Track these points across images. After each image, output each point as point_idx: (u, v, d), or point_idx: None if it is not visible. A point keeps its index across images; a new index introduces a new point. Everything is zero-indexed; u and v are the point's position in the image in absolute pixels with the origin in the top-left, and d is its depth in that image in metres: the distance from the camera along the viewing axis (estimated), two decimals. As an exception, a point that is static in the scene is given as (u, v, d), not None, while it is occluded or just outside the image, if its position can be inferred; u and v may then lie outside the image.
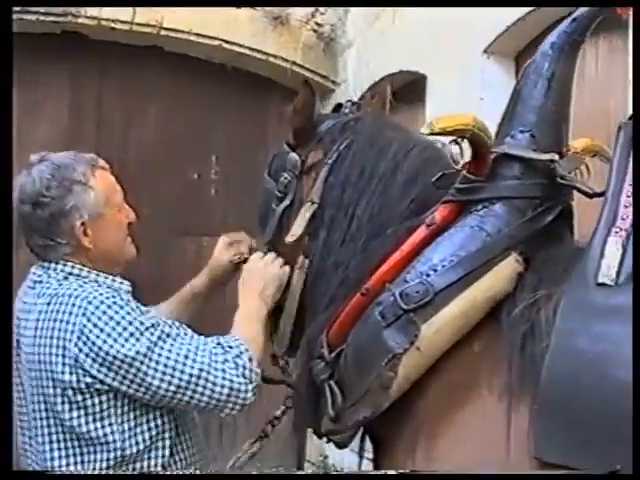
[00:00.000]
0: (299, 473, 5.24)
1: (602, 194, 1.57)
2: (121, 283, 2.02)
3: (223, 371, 1.84)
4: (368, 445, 1.81)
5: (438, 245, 1.62)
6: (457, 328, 1.56)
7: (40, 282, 1.95)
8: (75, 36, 5.30)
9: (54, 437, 1.89)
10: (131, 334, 1.81)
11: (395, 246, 1.68)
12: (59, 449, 1.89)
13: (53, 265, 1.96)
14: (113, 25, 5.27)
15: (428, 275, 1.58)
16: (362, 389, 1.62)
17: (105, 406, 1.85)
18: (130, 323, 1.83)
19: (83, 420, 1.85)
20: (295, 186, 1.97)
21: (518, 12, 3.81)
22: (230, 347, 1.89)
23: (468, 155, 1.65)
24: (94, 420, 1.85)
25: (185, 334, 1.90)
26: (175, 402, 1.86)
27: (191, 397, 1.84)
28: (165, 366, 1.82)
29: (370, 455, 1.79)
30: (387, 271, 1.66)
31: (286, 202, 1.98)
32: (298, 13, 5.76)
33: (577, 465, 1.30)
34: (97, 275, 1.97)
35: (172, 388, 1.83)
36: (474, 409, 1.51)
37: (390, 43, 5.05)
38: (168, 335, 1.86)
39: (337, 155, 1.89)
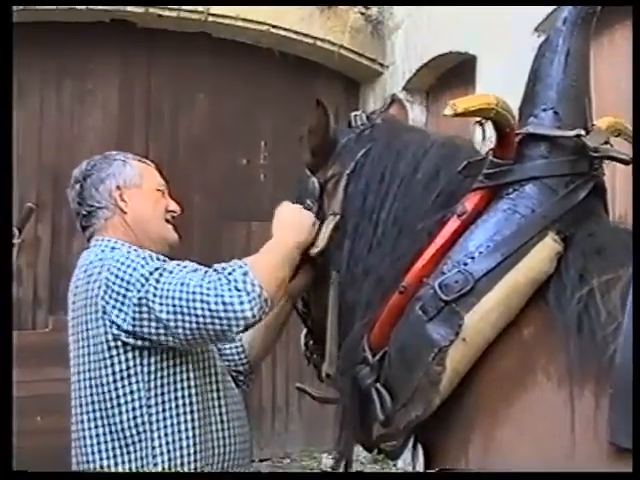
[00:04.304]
0: (299, 472, 5.24)
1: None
2: (164, 261, 2.03)
3: (215, 288, 1.86)
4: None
5: (472, 233, 1.58)
6: (501, 314, 1.51)
7: (85, 259, 2.08)
8: (124, 24, 5.35)
9: (82, 400, 2.00)
10: (141, 275, 1.92)
11: (428, 241, 1.64)
12: (85, 412, 1.99)
13: (99, 242, 2.09)
14: (161, 12, 5.30)
15: (465, 264, 1.54)
16: (411, 388, 1.57)
17: (131, 364, 1.95)
18: (142, 266, 1.94)
19: (111, 378, 1.95)
20: (317, 211, 1.95)
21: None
22: (223, 268, 1.90)
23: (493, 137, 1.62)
24: (121, 378, 1.95)
25: (185, 267, 1.95)
26: (189, 334, 1.89)
27: (196, 321, 1.86)
28: (165, 297, 1.88)
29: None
30: (423, 266, 1.61)
31: None
32: (345, -4, 5.74)
33: None
34: (137, 249, 2.06)
35: (178, 317, 1.87)
36: (532, 398, 1.44)
37: (438, 24, 4.99)
38: (171, 272, 1.93)
39: (355, 164, 1.86)
